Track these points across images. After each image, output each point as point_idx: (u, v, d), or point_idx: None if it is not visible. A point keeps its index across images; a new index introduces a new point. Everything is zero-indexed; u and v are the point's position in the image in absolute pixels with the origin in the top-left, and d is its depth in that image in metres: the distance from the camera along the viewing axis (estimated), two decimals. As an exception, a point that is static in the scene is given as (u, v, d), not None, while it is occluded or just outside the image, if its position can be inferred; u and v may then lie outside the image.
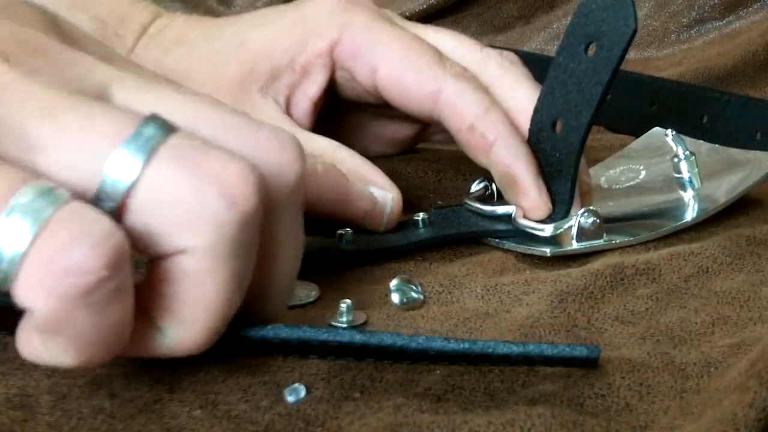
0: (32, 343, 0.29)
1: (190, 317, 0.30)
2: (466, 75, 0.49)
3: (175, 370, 0.35)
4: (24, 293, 0.27)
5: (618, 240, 0.46)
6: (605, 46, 0.44)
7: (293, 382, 0.34)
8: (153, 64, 0.53)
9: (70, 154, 0.29)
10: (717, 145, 0.55)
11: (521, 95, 0.48)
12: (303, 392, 0.34)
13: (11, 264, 0.27)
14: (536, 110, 0.47)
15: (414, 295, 0.41)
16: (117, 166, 0.29)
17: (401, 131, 0.56)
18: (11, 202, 0.27)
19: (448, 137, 0.51)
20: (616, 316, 0.40)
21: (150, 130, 0.29)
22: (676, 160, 0.50)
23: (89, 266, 0.27)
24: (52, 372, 0.34)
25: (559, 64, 0.46)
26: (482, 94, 0.48)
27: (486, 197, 0.49)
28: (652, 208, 0.50)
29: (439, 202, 0.52)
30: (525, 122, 0.48)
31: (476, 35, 0.54)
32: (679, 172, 0.50)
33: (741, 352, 0.36)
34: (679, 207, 0.50)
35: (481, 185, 0.49)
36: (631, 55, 0.83)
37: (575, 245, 0.46)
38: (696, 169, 0.50)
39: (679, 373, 0.35)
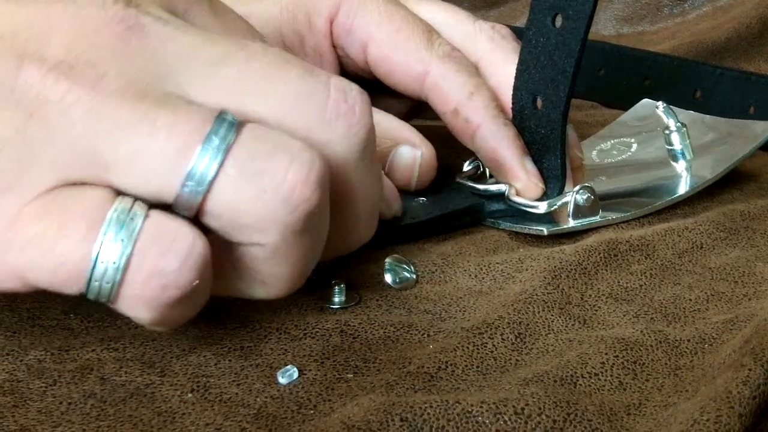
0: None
1: (273, 284, 0.33)
2: (453, 55, 0.48)
3: (166, 354, 0.35)
4: (128, 308, 0.30)
5: (614, 216, 0.46)
6: (570, 16, 0.43)
7: (286, 365, 0.34)
8: None
9: (144, 171, 0.29)
10: (708, 116, 0.55)
11: (511, 70, 0.48)
12: (296, 374, 0.34)
13: (111, 286, 0.29)
14: (515, 88, 0.47)
15: (407, 274, 0.41)
16: (192, 176, 0.29)
17: (394, 107, 0.56)
18: (101, 227, 0.29)
19: (440, 115, 0.50)
20: (610, 292, 0.40)
21: (219, 135, 0.30)
22: (667, 132, 0.50)
23: (182, 281, 0.29)
24: (42, 357, 0.34)
25: (529, 39, 0.45)
26: (467, 77, 0.48)
27: (478, 176, 0.49)
28: (645, 183, 0.50)
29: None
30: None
31: (468, 10, 0.54)
32: (671, 144, 0.50)
33: (735, 329, 0.36)
34: (673, 180, 0.50)
35: (473, 165, 0.49)
36: (625, 29, 0.83)
37: (572, 223, 0.45)
38: (688, 141, 0.50)
39: (673, 351, 0.35)
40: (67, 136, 0.29)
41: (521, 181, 0.46)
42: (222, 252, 0.32)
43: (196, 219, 0.31)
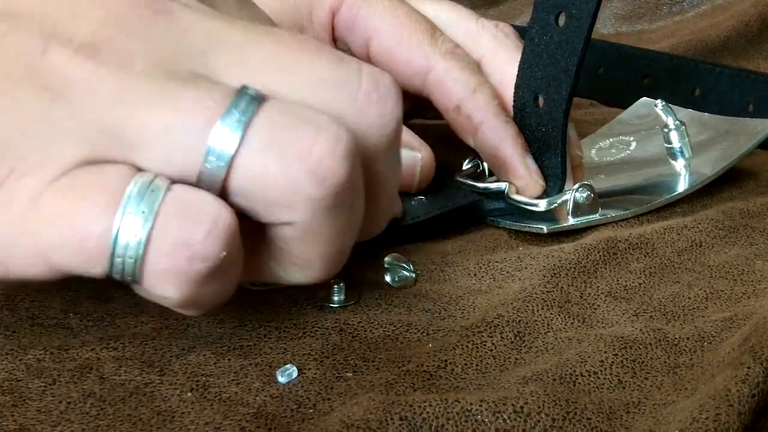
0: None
1: (309, 266, 0.32)
2: (456, 53, 0.48)
3: (166, 353, 0.35)
4: (153, 287, 0.29)
5: (613, 214, 0.46)
6: (574, 14, 0.43)
7: (285, 363, 0.34)
8: None
9: (167, 147, 0.29)
10: (707, 114, 0.55)
11: (514, 68, 0.48)
12: (295, 373, 0.33)
13: (135, 262, 0.29)
14: (517, 86, 0.47)
15: (406, 273, 0.41)
16: (213, 151, 0.29)
17: None
18: (119, 208, 0.28)
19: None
20: (609, 291, 0.40)
21: (240, 109, 0.29)
22: (666, 130, 0.50)
23: (208, 252, 0.29)
24: (42, 356, 0.34)
25: (532, 37, 0.45)
26: (470, 74, 0.48)
27: (477, 175, 0.49)
28: (644, 181, 0.50)
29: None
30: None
31: (468, 8, 0.54)
32: (670, 142, 0.50)
33: (734, 327, 0.36)
34: (671, 178, 0.50)
35: (472, 163, 0.49)
36: (624, 28, 0.83)
37: (571, 221, 0.46)
38: (686, 139, 0.50)
39: (672, 349, 0.35)
40: (91, 117, 0.29)
41: (522, 179, 0.46)
42: (255, 235, 0.31)
43: (224, 200, 0.30)
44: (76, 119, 0.29)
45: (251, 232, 0.31)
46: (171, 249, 0.28)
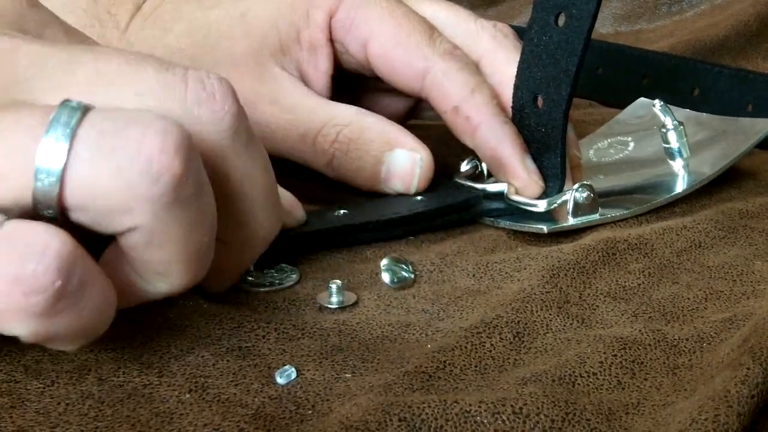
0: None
1: (169, 272, 0.32)
2: (454, 54, 0.48)
3: (164, 354, 0.35)
4: (6, 328, 0.29)
5: (613, 214, 0.46)
6: (574, 14, 0.43)
7: (284, 365, 0.34)
8: (152, 45, 0.52)
9: None
10: (705, 114, 0.55)
11: (513, 68, 0.48)
12: (294, 374, 0.33)
13: None
14: (516, 87, 0.47)
15: (405, 274, 0.41)
16: (42, 169, 0.28)
17: (393, 105, 0.56)
18: None
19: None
20: (608, 291, 0.40)
21: (62, 121, 0.28)
22: (664, 130, 0.50)
23: (42, 284, 0.28)
24: (40, 358, 0.34)
25: (531, 38, 0.45)
26: (468, 75, 0.48)
27: (476, 176, 0.49)
28: (643, 181, 0.50)
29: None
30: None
31: (467, 8, 0.54)
32: (668, 143, 0.50)
33: (734, 327, 0.36)
34: (670, 178, 0.50)
35: (471, 164, 0.49)
36: (622, 27, 0.83)
37: (571, 221, 0.45)
38: (684, 139, 0.50)
39: (671, 350, 0.35)
40: None
41: (521, 180, 0.46)
42: (112, 253, 0.31)
43: (68, 221, 0.29)
44: None
45: (112, 252, 0.31)
46: (4, 287, 0.28)
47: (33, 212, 0.29)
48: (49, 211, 0.29)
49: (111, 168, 0.28)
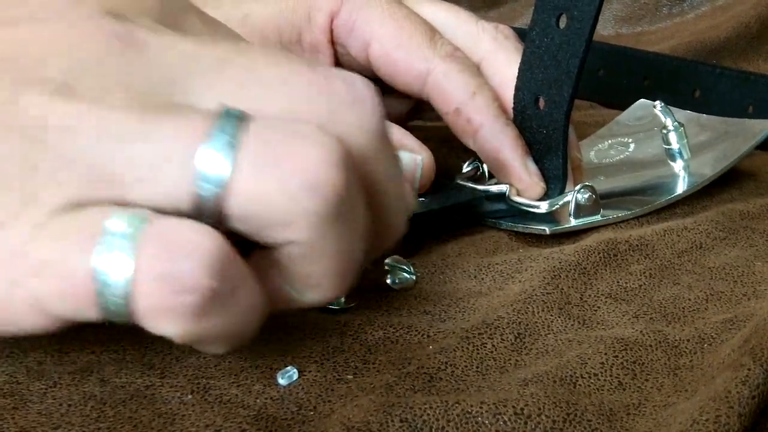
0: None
1: (321, 285, 0.31)
2: (455, 56, 0.48)
3: (167, 356, 0.35)
4: (150, 324, 0.28)
5: (614, 215, 0.46)
6: (575, 16, 0.43)
7: (286, 366, 0.34)
8: None
9: (155, 180, 0.28)
10: (705, 115, 0.55)
11: (514, 70, 0.48)
12: (295, 375, 0.34)
13: (124, 303, 0.27)
14: (517, 88, 0.47)
15: (406, 275, 0.41)
16: (205, 177, 0.28)
17: (394, 107, 0.56)
18: (100, 239, 0.27)
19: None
20: (609, 292, 0.40)
21: (226, 131, 0.28)
22: (664, 131, 0.50)
23: (194, 284, 0.27)
24: (42, 359, 0.34)
25: (532, 39, 0.45)
26: (469, 77, 0.48)
27: (478, 177, 0.49)
28: (643, 182, 0.50)
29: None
30: (516, 97, 0.47)
31: (468, 10, 0.54)
32: (669, 144, 0.50)
33: (734, 328, 0.36)
34: (671, 179, 0.50)
35: (472, 165, 0.49)
36: (623, 29, 0.83)
37: (573, 222, 0.46)
38: (685, 140, 0.50)
39: (672, 350, 0.35)
40: (73, 157, 0.28)
41: (523, 182, 0.46)
42: (265, 260, 0.31)
43: (221, 226, 0.29)
44: (58, 163, 0.28)
45: (261, 258, 0.31)
46: (155, 285, 0.27)
47: (188, 216, 0.28)
48: (208, 219, 0.28)
49: (276, 179, 0.28)
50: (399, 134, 0.48)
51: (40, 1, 0.31)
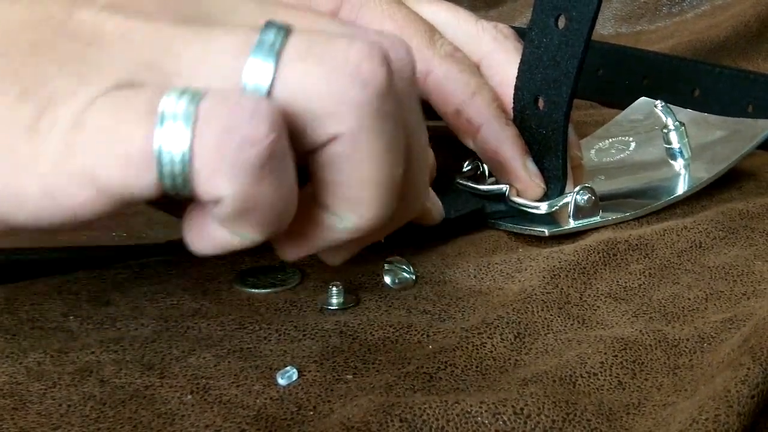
0: (217, 237, 0.30)
1: (360, 197, 0.31)
2: (455, 56, 0.48)
3: (166, 356, 0.35)
4: (207, 186, 0.28)
5: (613, 216, 0.46)
6: (574, 17, 0.43)
7: (285, 366, 0.34)
8: None
9: (206, 74, 0.29)
10: (706, 114, 0.55)
11: (514, 70, 0.48)
12: (295, 375, 0.34)
13: (183, 164, 0.28)
14: (517, 88, 0.47)
15: (406, 275, 0.41)
16: (251, 75, 0.29)
17: None
18: (159, 111, 0.28)
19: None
20: (609, 292, 0.40)
21: (270, 35, 0.29)
22: (665, 130, 0.50)
23: (256, 134, 0.28)
24: (42, 359, 0.34)
25: (531, 39, 0.45)
26: (469, 77, 0.48)
27: (477, 177, 0.49)
28: (644, 183, 0.50)
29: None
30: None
31: (468, 10, 0.54)
32: (669, 143, 0.50)
33: (734, 327, 0.36)
34: (671, 180, 0.50)
35: (472, 165, 0.49)
36: (623, 29, 0.83)
37: (572, 223, 0.46)
38: (686, 140, 0.50)
39: (672, 350, 0.35)
40: (127, 55, 0.29)
41: (522, 182, 0.46)
42: (305, 193, 0.31)
43: None
44: (112, 57, 0.29)
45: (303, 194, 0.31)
46: (217, 138, 0.27)
47: None
48: None
49: (321, 70, 0.29)
50: None
51: None
